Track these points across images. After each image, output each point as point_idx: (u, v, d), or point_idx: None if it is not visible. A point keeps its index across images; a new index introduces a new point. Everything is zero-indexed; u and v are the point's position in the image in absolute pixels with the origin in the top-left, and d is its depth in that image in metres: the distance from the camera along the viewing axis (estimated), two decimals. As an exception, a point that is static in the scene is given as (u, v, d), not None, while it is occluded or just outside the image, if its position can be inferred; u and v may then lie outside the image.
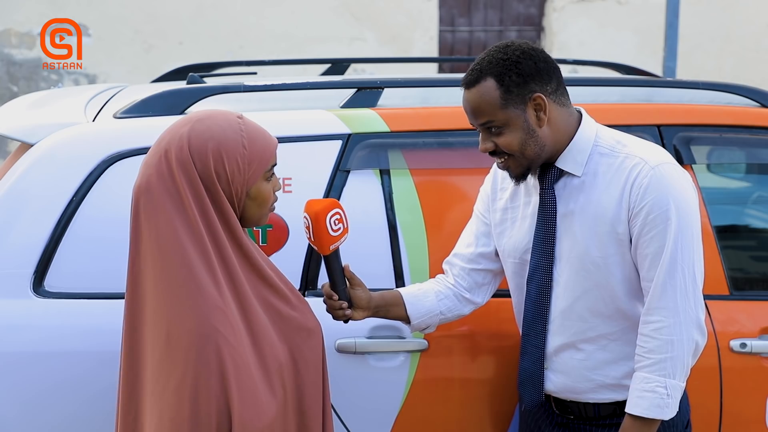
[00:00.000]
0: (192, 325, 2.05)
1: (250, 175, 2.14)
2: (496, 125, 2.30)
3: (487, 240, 2.55)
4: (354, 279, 2.43)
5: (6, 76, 9.23)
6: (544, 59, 2.31)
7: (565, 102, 2.36)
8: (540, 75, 2.29)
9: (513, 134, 2.30)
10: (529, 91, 2.28)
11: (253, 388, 2.08)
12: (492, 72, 2.28)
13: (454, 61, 5.62)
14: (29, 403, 2.54)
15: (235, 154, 2.12)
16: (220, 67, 3.96)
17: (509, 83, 2.27)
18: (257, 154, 2.15)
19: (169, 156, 2.11)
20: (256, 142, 2.16)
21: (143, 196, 2.11)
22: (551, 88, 2.31)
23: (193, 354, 2.05)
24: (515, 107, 2.29)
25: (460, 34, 9.88)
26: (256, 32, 9.32)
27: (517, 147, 2.30)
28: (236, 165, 2.12)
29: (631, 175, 2.30)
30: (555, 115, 2.32)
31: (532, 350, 2.44)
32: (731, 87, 3.07)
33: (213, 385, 2.04)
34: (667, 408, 2.27)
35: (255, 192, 2.18)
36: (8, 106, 3.23)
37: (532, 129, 2.30)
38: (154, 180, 2.10)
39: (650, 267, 2.29)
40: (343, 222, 2.32)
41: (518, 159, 2.32)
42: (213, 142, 2.10)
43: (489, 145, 2.33)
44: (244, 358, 2.07)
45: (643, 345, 2.29)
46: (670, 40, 7.50)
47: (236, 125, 2.15)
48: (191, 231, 2.08)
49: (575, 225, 2.35)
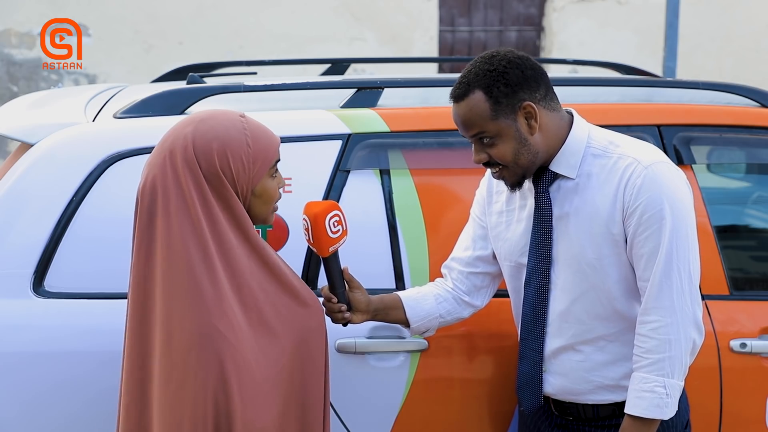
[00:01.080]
0: (192, 325, 2.05)
1: (255, 173, 2.15)
2: (488, 136, 2.30)
3: (484, 243, 2.55)
4: (353, 282, 2.43)
5: (6, 76, 9.23)
6: (530, 66, 2.30)
7: (555, 106, 2.35)
8: (528, 83, 2.29)
9: (505, 144, 2.30)
10: (518, 100, 2.28)
11: (254, 388, 2.08)
12: (479, 84, 2.28)
13: (454, 61, 5.63)
14: (29, 404, 2.54)
15: (240, 153, 2.13)
16: (220, 67, 3.96)
17: (498, 94, 2.27)
18: (261, 152, 2.16)
19: (174, 157, 2.11)
20: (259, 140, 2.17)
21: (148, 197, 2.11)
22: (540, 94, 2.31)
23: (193, 354, 2.05)
24: (506, 117, 2.28)
25: (460, 34, 9.88)
26: (256, 32, 9.32)
27: (510, 157, 2.30)
28: (241, 164, 2.13)
29: (624, 175, 2.30)
30: (546, 121, 2.32)
31: (530, 354, 2.44)
32: (731, 87, 3.07)
33: (212, 385, 2.04)
34: (667, 407, 2.27)
35: (260, 189, 2.19)
36: (8, 106, 3.23)
37: (524, 138, 2.30)
38: (159, 181, 2.11)
39: (646, 267, 2.29)
40: (342, 224, 2.32)
41: (512, 168, 2.32)
42: (217, 141, 2.11)
43: (482, 156, 2.33)
44: (246, 357, 2.07)
45: (640, 345, 2.29)
46: (670, 40, 7.50)
47: (239, 124, 2.16)
48: (194, 232, 2.08)
49: (570, 227, 2.35)
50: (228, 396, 2.05)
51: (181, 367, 2.06)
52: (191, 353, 2.05)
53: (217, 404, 2.04)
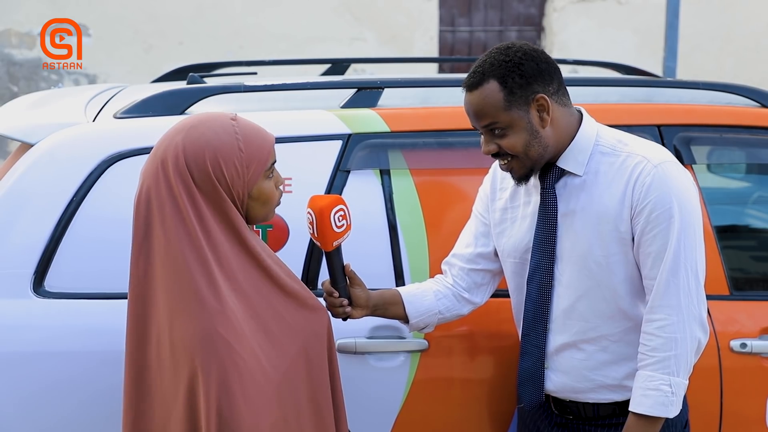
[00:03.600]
0: (195, 329, 2.05)
1: (250, 176, 2.13)
2: (500, 127, 2.30)
3: (486, 240, 2.55)
4: (354, 278, 2.43)
5: (6, 76, 9.23)
6: (545, 60, 2.31)
7: (566, 102, 2.36)
8: (542, 76, 2.29)
9: (517, 136, 2.30)
10: (532, 92, 2.28)
11: (258, 394, 2.07)
12: (495, 74, 2.28)
13: (454, 61, 5.62)
14: (29, 403, 2.54)
15: (233, 159, 2.10)
16: (220, 67, 3.96)
17: (512, 85, 2.27)
18: (255, 155, 2.13)
19: (166, 167, 2.09)
20: (252, 142, 2.13)
21: (144, 207, 2.10)
22: (553, 88, 2.31)
23: (197, 360, 2.04)
24: (518, 108, 2.28)
25: (460, 34, 9.88)
26: (256, 32, 9.32)
27: (521, 148, 2.30)
28: (235, 169, 2.10)
29: (633, 173, 2.30)
30: (557, 115, 2.33)
31: (533, 350, 2.44)
32: (731, 87, 3.07)
33: (215, 391, 2.03)
34: (672, 406, 2.27)
35: (257, 192, 2.16)
36: (8, 106, 3.23)
37: (535, 130, 2.30)
38: (153, 192, 2.09)
39: (653, 265, 2.29)
40: (346, 218, 2.32)
41: (522, 160, 2.32)
42: (209, 149, 2.08)
43: (492, 147, 2.33)
44: (248, 362, 2.07)
45: (646, 343, 2.29)
46: (670, 40, 7.49)
47: (230, 128, 2.12)
48: (191, 242, 2.07)
49: (577, 224, 2.35)
50: (231, 402, 2.04)
51: (185, 373, 2.05)
52: (195, 359, 2.04)
53: (221, 410, 2.03)
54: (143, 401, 2.13)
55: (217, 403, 2.03)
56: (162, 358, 2.09)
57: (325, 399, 2.23)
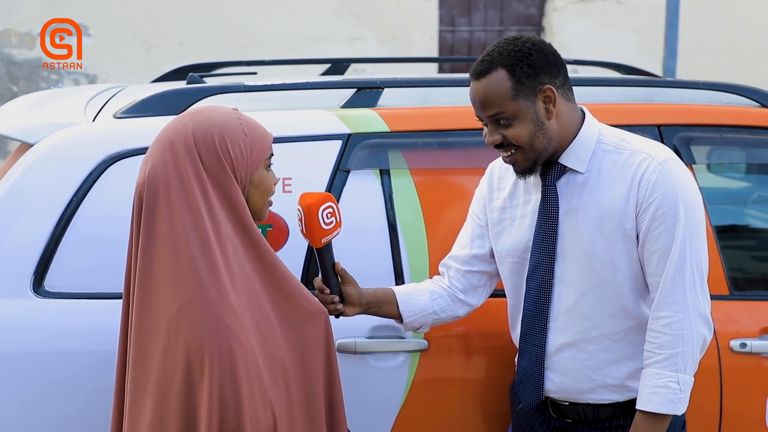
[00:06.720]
0: (199, 315, 2.05)
1: (253, 161, 2.18)
2: (506, 117, 2.29)
3: (482, 242, 2.55)
4: (345, 276, 2.43)
5: (6, 76, 9.22)
6: (552, 53, 2.32)
7: (571, 98, 2.36)
8: (549, 68, 2.30)
9: (523, 126, 2.29)
10: (539, 83, 2.28)
11: (260, 384, 2.08)
12: (503, 63, 2.28)
13: (454, 61, 5.61)
14: (29, 403, 2.54)
15: (238, 140, 2.16)
16: (220, 67, 3.96)
17: (521, 74, 2.27)
18: (257, 142, 2.20)
19: (174, 148, 2.13)
20: (255, 130, 2.22)
21: (149, 189, 2.11)
22: (559, 81, 2.31)
23: (206, 347, 2.05)
24: (525, 98, 2.28)
25: (460, 34, 9.88)
26: (256, 32, 9.32)
27: (526, 139, 2.30)
28: (239, 150, 2.16)
29: (638, 170, 2.30)
30: (562, 109, 2.33)
31: (532, 349, 2.44)
32: (731, 87, 3.07)
33: (218, 380, 2.04)
34: (680, 403, 2.27)
35: (258, 179, 2.21)
36: (8, 106, 3.23)
37: (541, 121, 2.30)
38: (161, 173, 2.12)
39: (659, 262, 2.28)
40: (335, 216, 2.34)
41: (526, 152, 2.32)
42: (216, 128, 2.15)
43: (497, 138, 2.32)
44: (251, 351, 2.08)
45: (653, 341, 2.29)
46: (670, 40, 7.49)
47: (234, 115, 2.21)
48: (194, 223, 2.10)
49: (579, 222, 2.35)
50: (237, 391, 2.05)
51: (183, 360, 2.06)
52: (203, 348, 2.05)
53: (224, 399, 2.04)
54: (140, 396, 2.14)
55: (219, 392, 2.04)
56: (163, 343, 2.09)
57: (317, 394, 2.24)
